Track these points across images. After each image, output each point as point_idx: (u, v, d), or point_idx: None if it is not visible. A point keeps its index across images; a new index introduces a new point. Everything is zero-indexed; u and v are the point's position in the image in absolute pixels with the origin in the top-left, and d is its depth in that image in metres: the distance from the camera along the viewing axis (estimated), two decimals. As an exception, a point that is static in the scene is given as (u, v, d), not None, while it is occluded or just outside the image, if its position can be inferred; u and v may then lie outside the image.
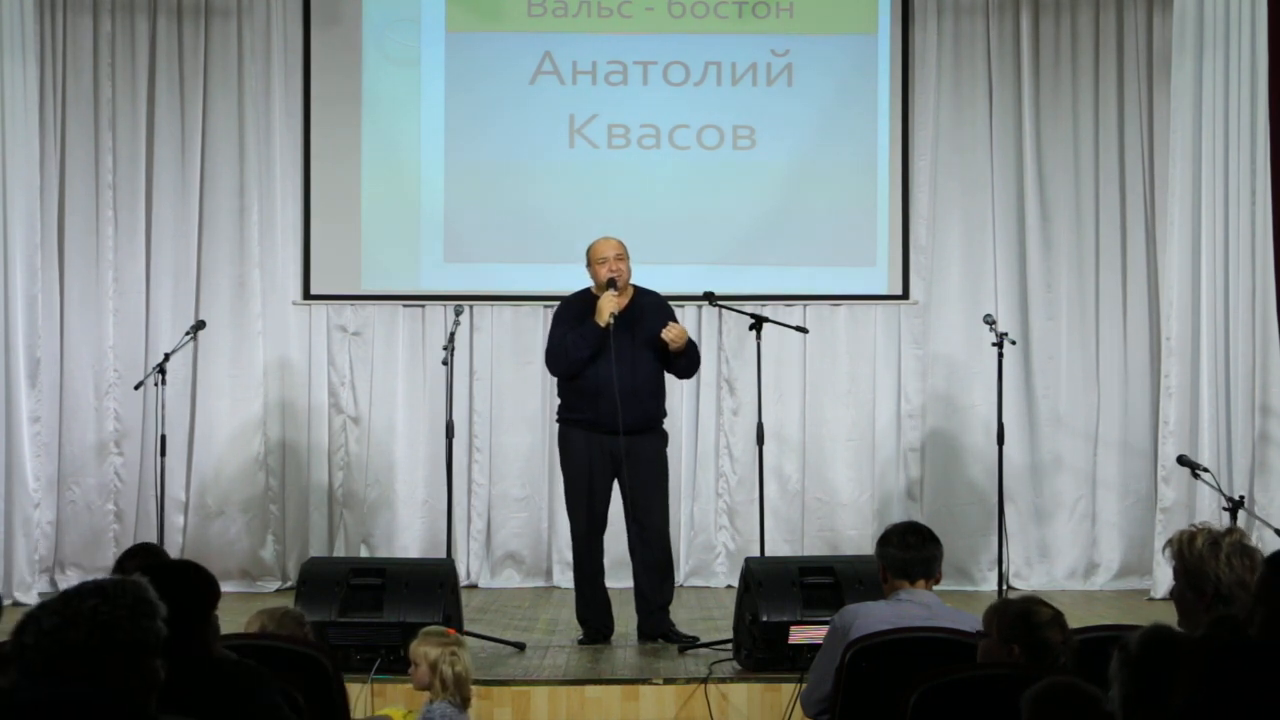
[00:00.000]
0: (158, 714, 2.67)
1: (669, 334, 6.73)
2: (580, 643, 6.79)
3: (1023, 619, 3.64)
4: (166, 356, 7.84)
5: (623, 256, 6.80)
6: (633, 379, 6.68)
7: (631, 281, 6.89)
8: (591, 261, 6.85)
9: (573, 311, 6.87)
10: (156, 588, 2.72)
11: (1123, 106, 8.83)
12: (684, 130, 8.87)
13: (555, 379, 7.01)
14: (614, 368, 6.58)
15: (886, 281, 8.84)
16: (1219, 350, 8.28)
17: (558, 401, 6.98)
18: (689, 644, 6.62)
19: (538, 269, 8.79)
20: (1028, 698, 2.99)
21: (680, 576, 8.52)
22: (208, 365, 8.68)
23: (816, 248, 8.86)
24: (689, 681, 6.00)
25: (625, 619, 7.01)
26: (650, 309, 6.87)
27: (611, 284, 6.71)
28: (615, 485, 6.82)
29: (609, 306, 6.65)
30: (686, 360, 6.89)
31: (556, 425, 7.00)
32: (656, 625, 6.77)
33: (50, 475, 8.47)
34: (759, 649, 6.07)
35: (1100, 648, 2.98)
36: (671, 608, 6.96)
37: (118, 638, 2.62)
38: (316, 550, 8.59)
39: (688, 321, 8.38)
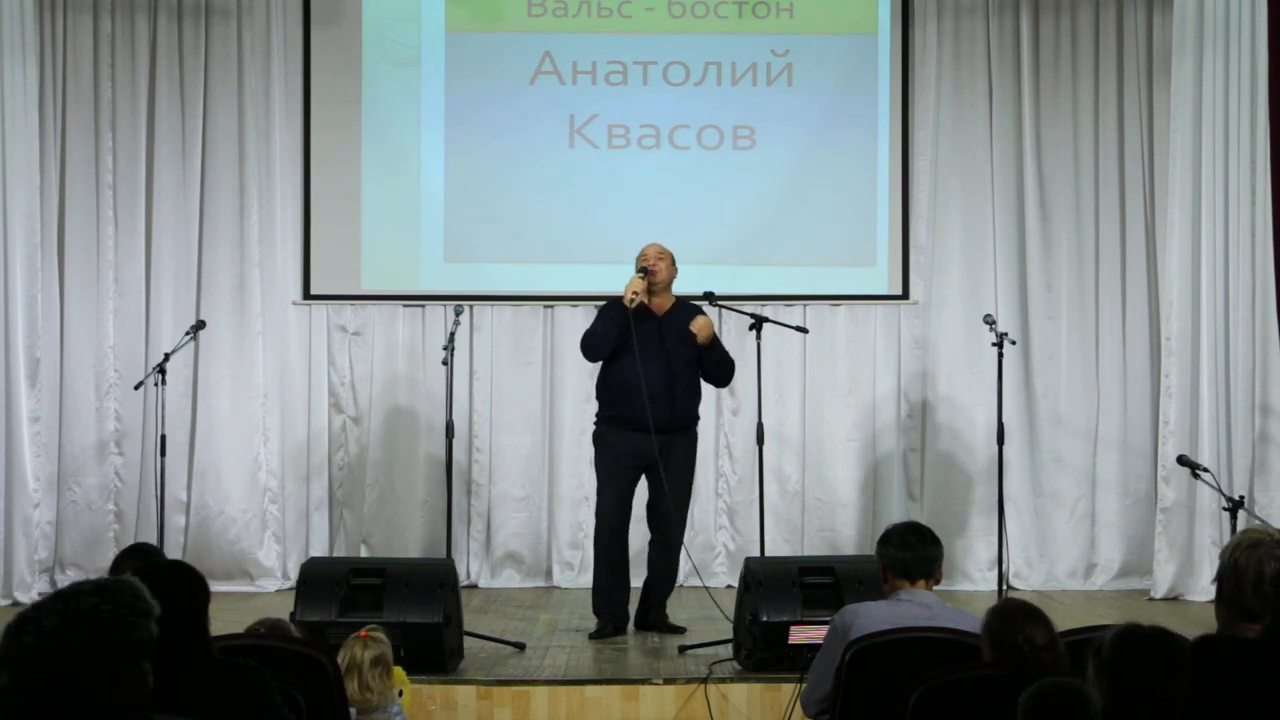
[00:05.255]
0: (153, 715, 2.66)
1: (695, 325, 6.93)
2: (592, 636, 6.87)
3: (1002, 630, 3.63)
4: (166, 356, 7.85)
5: (662, 257, 7.01)
6: (668, 379, 6.86)
7: (674, 292, 7.07)
8: (637, 264, 7.04)
9: (612, 305, 7.02)
10: (150, 589, 2.72)
11: (1123, 106, 8.83)
12: (684, 130, 8.87)
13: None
14: (638, 363, 6.75)
15: (886, 281, 8.84)
16: (1219, 350, 8.28)
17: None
18: (679, 632, 6.88)
19: (538, 269, 8.80)
20: (1023, 699, 2.99)
21: (680, 576, 8.51)
22: (208, 365, 8.68)
23: (816, 248, 8.86)
24: (689, 681, 6.00)
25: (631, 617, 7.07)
26: (687, 315, 7.03)
27: (644, 271, 6.92)
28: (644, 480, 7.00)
29: (632, 285, 6.86)
30: (715, 360, 7.04)
31: (594, 425, 7.13)
32: (651, 620, 7.02)
33: (50, 475, 8.47)
34: (759, 649, 6.08)
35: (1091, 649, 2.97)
36: (672, 608, 7.19)
37: (118, 637, 2.61)
38: (316, 550, 8.59)
39: (688, 321, 8.41)
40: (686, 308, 7.09)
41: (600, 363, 7.09)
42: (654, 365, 6.83)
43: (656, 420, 6.76)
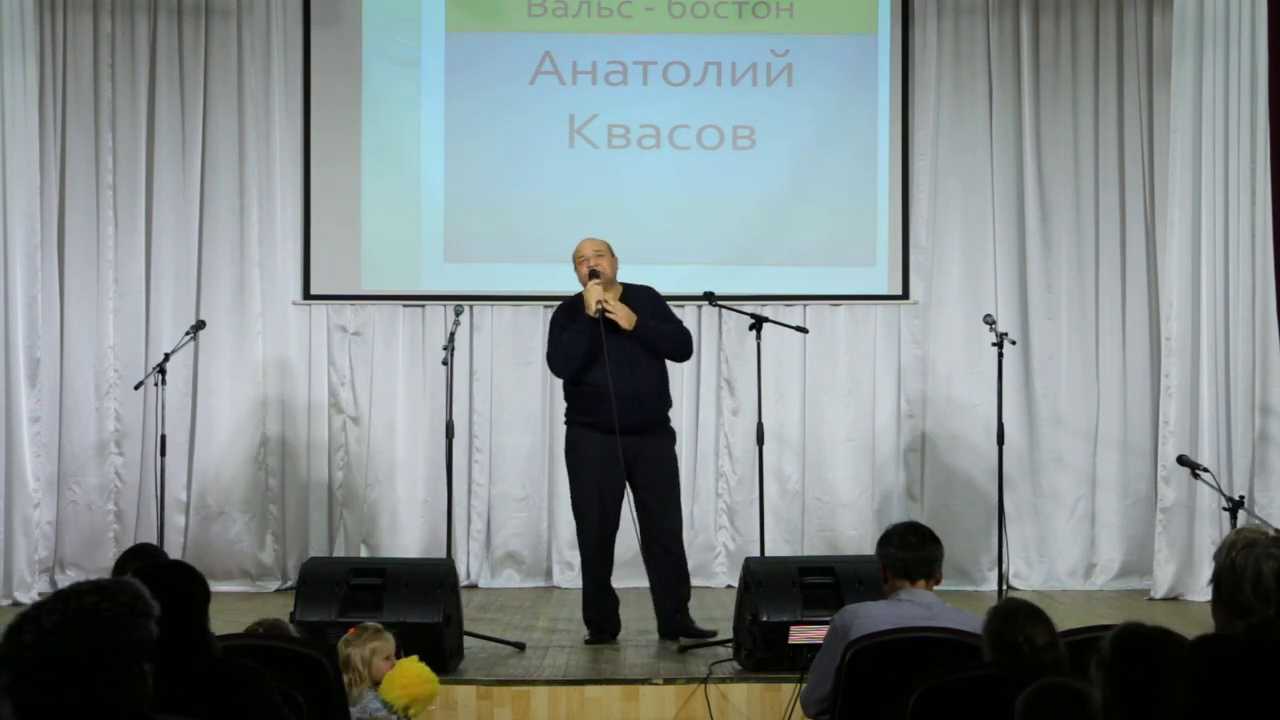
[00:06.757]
0: (154, 715, 2.66)
1: (608, 309, 6.68)
2: (586, 642, 6.81)
3: (1003, 631, 3.62)
4: (166, 356, 7.84)
5: (602, 253, 6.84)
6: (634, 378, 6.72)
7: (620, 280, 6.92)
8: (575, 264, 6.90)
9: (566, 313, 6.90)
10: (150, 589, 2.72)
11: (1123, 106, 8.83)
12: (684, 130, 8.87)
13: (559, 381, 7.02)
14: (609, 368, 6.60)
15: (886, 281, 8.84)
16: (1219, 350, 8.28)
17: (564, 404, 6.99)
18: (701, 641, 6.64)
19: (538, 269, 8.78)
20: (1021, 699, 2.98)
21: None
22: (208, 365, 8.68)
23: (816, 248, 8.86)
24: (689, 681, 6.00)
25: (630, 618, 7.03)
26: (639, 305, 6.86)
27: (593, 275, 6.76)
28: (626, 486, 6.82)
29: (594, 295, 6.71)
30: (651, 338, 6.78)
31: (565, 427, 7.01)
32: (675, 625, 6.80)
33: (50, 475, 8.47)
34: (759, 649, 6.07)
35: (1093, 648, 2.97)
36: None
37: (118, 636, 2.61)
38: (316, 550, 8.59)
39: (688, 321, 8.37)
40: (635, 293, 6.90)
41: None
42: (622, 367, 6.67)
43: (633, 422, 6.65)
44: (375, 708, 4.87)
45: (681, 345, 6.96)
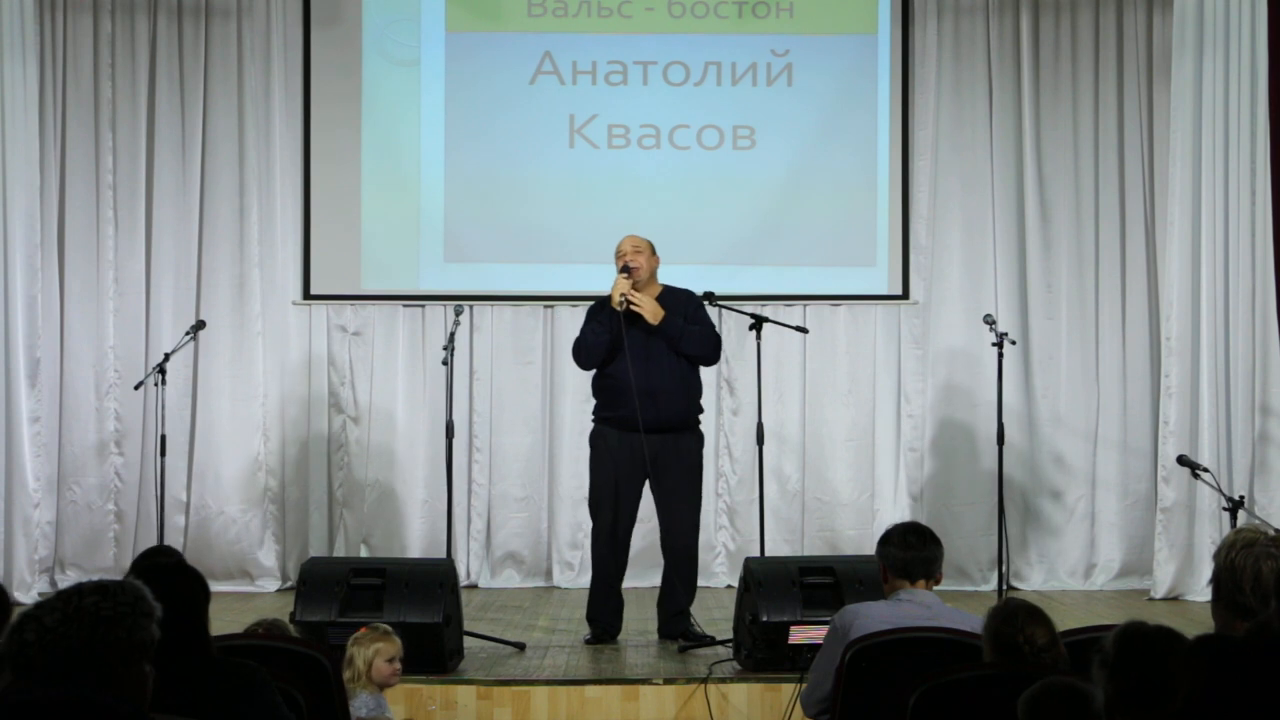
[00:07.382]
0: (154, 715, 2.66)
1: (634, 303, 6.68)
2: (586, 641, 6.80)
3: (1003, 631, 3.62)
4: (166, 356, 7.85)
5: (640, 250, 6.84)
6: (659, 377, 6.71)
7: (661, 281, 6.92)
8: (615, 260, 6.89)
9: (599, 306, 6.90)
10: (152, 589, 2.72)
11: (1123, 106, 8.83)
12: (684, 130, 8.87)
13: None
14: (629, 363, 6.61)
15: (886, 281, 8.84)
16: (1219, 350, 8.28)
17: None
18: (700, 642, 6.62)
19: (538, 269, 8.80)
20: (1023, 699, 2.98)
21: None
22: (208, 365, 8.69)
23: (816, 248, 8.86)
24: (689, 681, 6.00)
25: (630, 618, 7.03)
26: (675, 307, 6.84)
27: (625, 270, 6.76)
28: (646, 485, 6.83)
29: (619, 288, 6.71)
30: (677, 339, 6.74)
31: (591, 423, 6.99)
32: (675, 628, 6.79)
33: (50, 475, 8.47)
34: (759, 649, 6.07)
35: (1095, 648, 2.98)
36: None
37: (119, 635, 2.62)
38: (316, 550, 8.59)
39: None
40: (673, 295, 6.90)
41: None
42: (650, 364, 6.69)
43: (653, 421, 6.65)
44: (372, 706, 4.87)
45: (705, 346, 6.89)
